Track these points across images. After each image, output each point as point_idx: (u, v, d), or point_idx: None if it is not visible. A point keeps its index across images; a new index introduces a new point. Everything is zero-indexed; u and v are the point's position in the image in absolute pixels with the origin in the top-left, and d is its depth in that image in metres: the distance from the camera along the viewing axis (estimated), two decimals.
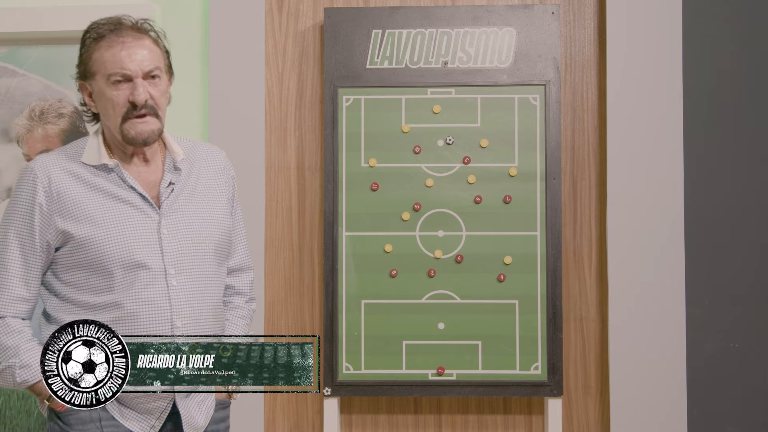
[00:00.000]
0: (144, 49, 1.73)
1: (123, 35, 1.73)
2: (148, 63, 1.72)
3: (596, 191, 2.75)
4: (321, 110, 2.75)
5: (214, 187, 1.84)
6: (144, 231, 1.72)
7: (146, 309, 1.70)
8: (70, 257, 1.73)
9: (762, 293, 2.72)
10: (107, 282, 1.70)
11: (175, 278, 1.71)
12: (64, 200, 1.72)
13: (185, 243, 1.74)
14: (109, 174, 1.75)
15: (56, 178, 1.72)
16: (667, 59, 2.68)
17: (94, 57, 1.75)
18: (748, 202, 2.73)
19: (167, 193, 1.76)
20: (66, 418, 1.72)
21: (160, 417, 1.74)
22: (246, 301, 1.94)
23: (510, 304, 2.65)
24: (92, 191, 1.72)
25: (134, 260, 1.70)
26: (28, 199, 1.73)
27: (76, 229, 1.70)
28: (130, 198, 1.74)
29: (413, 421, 2.75)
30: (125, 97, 1.71)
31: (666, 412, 2.63)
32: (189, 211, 1.77)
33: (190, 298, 1.73)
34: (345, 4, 2.78)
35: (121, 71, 1.70)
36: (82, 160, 1.77)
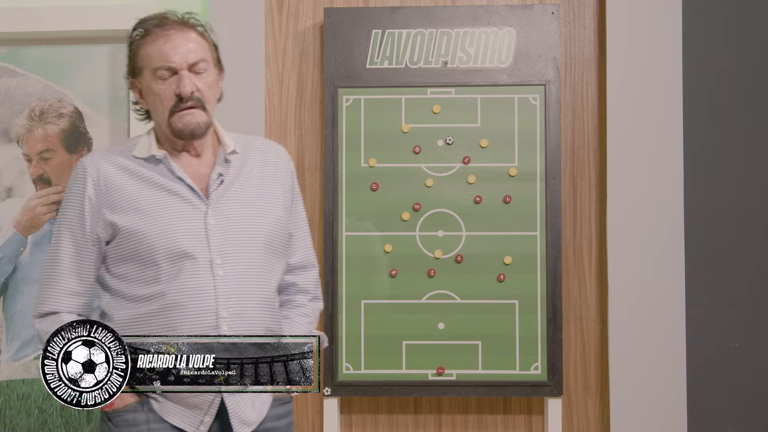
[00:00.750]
0: (189, 41, 1.71)
1: (167, 29, 1.72)
2: (193, 55, 1.70)
3: (596, 191, 2.75)
4: (321, 110, 2.75)
5: (268, 181, 1.82)
6: (190, 221, 1.70)
7: (192, 299, 1.67)
8: (118, 249, 1.72)
9: (762, 293, 2.72)
10: (154, 272, 1.68)
11: (221, 268, 1.69)
12: (111, 192, 1.72)
13: (233, 234, 1.72)
14: (157, 165, 1.74)
15: (104, 171, 1.73)
16: (667, 59, 2.68)
17: (141, 53, 1.74)
18: (748, 202, 2.73)
19: (216, 184, 1.75)
20: (115, 419, 1.71)
21: (209, 411, 1.70)
22: (310, 300, 1.91)
23: (510, 304, 2.65)
24: (139, 182, 1.72)
25: (180, 250, 1.68)
26: (78, 193, 1.73)
27: (123, 221, 1.70)
28: (178, 189, 1.73)
29: (413, 421, 2.75)
30: (172, 90, 1.70)
31: (666, 412, 2.63)
32: (238, 203, 1.75)
33: (236, 289, 1.70)
34: (345, 4, 2.78)
35: (166, 64, 1.69)
36: (133, 154, 1.76)
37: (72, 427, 2.79)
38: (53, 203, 2.82)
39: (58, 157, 2.82)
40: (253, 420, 1.74)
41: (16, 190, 2.84)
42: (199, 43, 1.73)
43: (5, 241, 2.82)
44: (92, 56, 2.82)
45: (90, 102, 2.82)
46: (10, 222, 2.83)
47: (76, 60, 2.82)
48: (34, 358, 2.80)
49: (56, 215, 2.79)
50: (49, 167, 2.82)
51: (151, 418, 1.70)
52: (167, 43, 1.70)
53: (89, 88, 2.82)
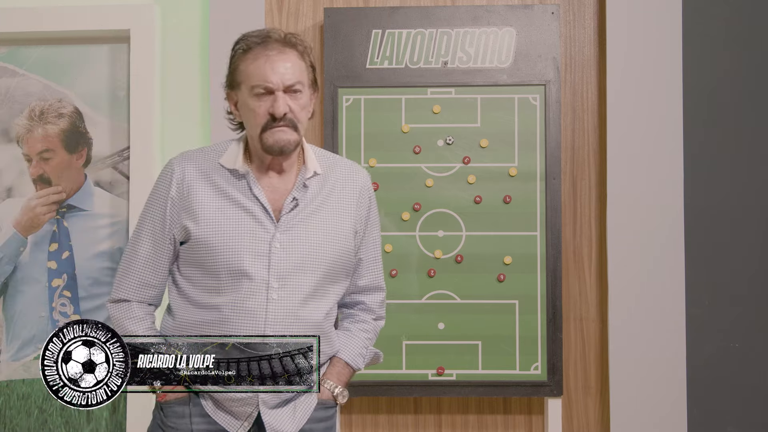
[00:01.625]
0: (288, 62, 1.75)
1: (269, 48, 1.76)
2: (290, 77, 1.75)
3: (596, 191, 2.75)
4: (321, 110, 2.75)
5: (343, 207, 1.85)
6: (257, 242, 1.76)
7: (242, 317, 1.74)
8: (189, 253, 1.79)
9: (762, 293, 2.72)
10: (216, 283, 1.76)
11: (276, 292, 1.74)
12: (191, 198, 1.78)
13: (295, 259, 1.77)
14: (239, 180, 1.80)
15: (189, 176, 1.80)
16: (667, 59, 2.68)
17: (240, 68, 1.78)
18: (748, 202, 2.73)
19: (288, 208, 1.79)
20: (165, 410, 1.80)
21: (248, 419, 1.77)
22: (374, 318, 1.97)
23: (510, 304, 2.65)
24: (218, 195, 1.78)
25: (241, 269, 1.74)
26: (163, 191, 1.81)
27: (196, 228, 1.77)
28: (252, 208, 1.78)
29: (413, 421, 2.75)
30: (266, 109, 1.75)
31: (666, 412, 2.63)
32: (307, 230, 1.79)
33: (287, 313, 1.75)
34: (345, 4, 2.78)
35: (263, 84, 1.74)
36: (220, 161, 1.82)
37: (72, 427, 2.79)
38: (53, 203, 2.82)
39: (58, 157, 2.82)
40: (290, 430, 1.79)
41: (16, 190, 2.84)
42: (296, 64, 1.77)
43: (5, 241, 2.82)
44: (92, 56, 2.82)
45: (90, 102, 2.82)
46: (10, 222, 2.83)
47: (76, 60, 2.82)
48: (34, 358, 2.80)
49: (56, 215, 2.79)
50: (49, 167, 2.82)
51: (195, 412, 1.77)
52: (267, 63, 1.74)
53: (89, 88, 2.82)
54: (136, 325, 1.81)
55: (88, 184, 2.81)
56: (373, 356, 1.97)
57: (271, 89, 1.74)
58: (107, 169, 2.81)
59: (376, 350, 1.97)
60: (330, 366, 1.87)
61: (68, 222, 2.81)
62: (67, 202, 2.81)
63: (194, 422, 1.77)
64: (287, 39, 1.78)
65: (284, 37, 1.78)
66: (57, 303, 2.81)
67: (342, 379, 1.86)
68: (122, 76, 2.80)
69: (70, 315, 2.80)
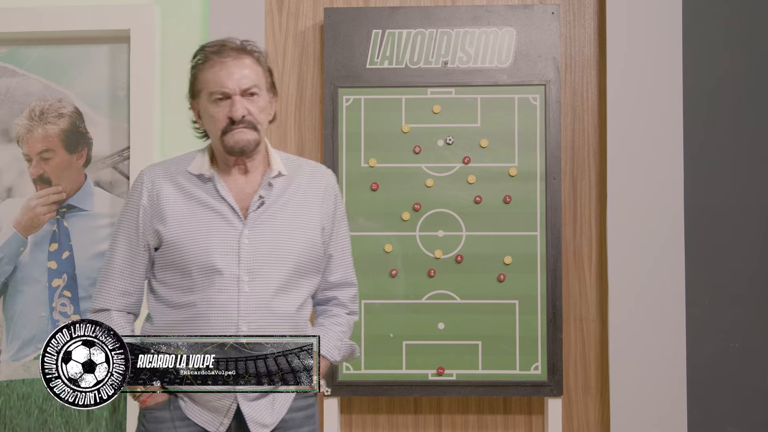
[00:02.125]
0: (244, 68, 1.85)
1: (225, 56, 1.85)
2: (246, 81, 1.84)
3: (596, 191, 2.75)
4: (321, 110, 2.75)
5: (308, 204, 1.93)
6: (225, 239, 1.84)
7: (216, 311, 1.81)
8: (162, 257, 1.87)
9: (762, 293, 2.72)
10: (189, 283, 1.83)
11: (248, 285, 1.82)
12: (162, 204, 1.87)
13: (264, 254, 1.84)
14: (205, 183, 1.89)
15: (159, 184, 1.89)
16: (667, 59, 2.68)
17: (199, 77, 1.87)
18: (748, 202, 2.73)
19: (255, 206, 1.87)
20: (147, 416, 1.85)
21: (228, 414, 1.83)
22: (347, 313, 2.03)
23: (510, 304, 2.65)
24: (187, 198, 1.87)
25: (212, 265, 1.82)
26: (135, 202, 1.90)
27: (168, 232, 1.85)
28: (220, 207, 1.87)
29: (413, 421, 2.75)
30: (225, 113, 1.84)
31: (666, 412, 2.63)
32: (274, 225, 1.87)
33: (259, 305, 1.82)
34: (345, 4, 2.78)
35: (220, 89, 1.83)
36: (188, 169, 1.91)
37: (72, 427, 2.79)
38: (53, 203, 2.82)
39: (58, 157, 2.82)
40: (269, 422, 1.85)
41: (16, 190, 2.84)
42: (253, 69, 1.86)
43: (5, 241, 2.82)
44: (92, 56, 2.82)
45: (90, 102, 2.82)
46: (10, 222, 2.83)
47: (76, 60, 2.82)
48: (34, 358, 2.80)
49: (56, 215, 2.79)
50: (49, 167, 2.82)
51: (175, 416, 1.83)
52: (222, 70, 1.83)
53: (89, 88, 2.82)
54: (117, 331, 1.83)
55: (88, 184, 2.81)
56: (349, 349, 2.03)
57: (228, 94, 1.83)
58: (107, 169, 2.81)
59: (351, 343, 2.03)
60: None
61: (68, 222, 2.81)
62: (67, 202, 2.81)
63: (177, 425, 1.83)
64: (243, 46, 1.88)
65: (240, 45, 1.88)
66: (57, 303, 2.81)
67: (320, 370, 1.89)
68: (122, 76, 2.80)
69: (70, 315, 2.80)
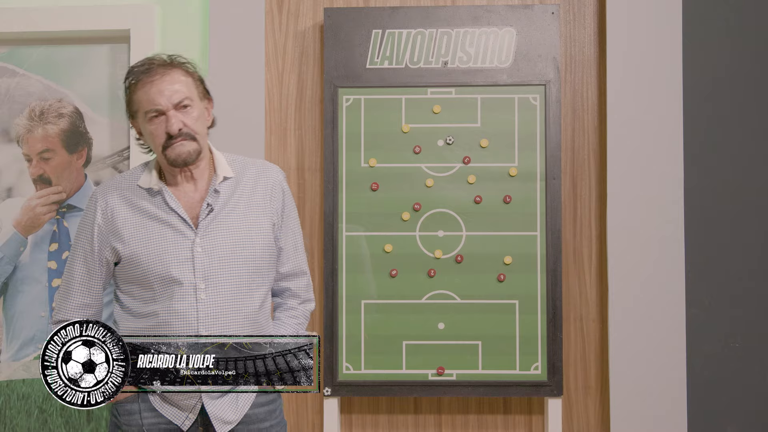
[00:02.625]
0: (173, 83, 1.90)
1: (152, 74, 1.91)
2: (177, 95, 1.90)
3: (596, 191, 2.75)
4: (321, 110, 2.75)
5: (257, 203, 1.99)
6: (179, 249, 1.91)
7: (176, 319, 1.88)
8: (123, 272, 1.96)
9: (762, 293, 2.72)
10: (151, 294, 1.91)
11: (204, 292, 1.89)
12: (116, 222, 1.95)
13: (217, 260, 1.91)
14: (155, 197, 1.96)
15: (111, 202, 1.96)
16: (667, 59, 2.68)
17: (133, 99, 1.94)
18: (748, 202, 2.73)
19: (204, 214, 1.94)
20: (118, 408, 1.94)
21: (193, 411, 1.91)
22: (300, 303, 2.10)
23: (510, 304, 2.65)
24: (138, 214, 1.94)
25: (170, 276, 1.89)
26: (90, 221, 1.98)
27: (124, 248, 1.93)
28: (171, 220, 1.93)
29: (413, 421, 2.75)
30: (162, 129, 1.90)
31: (666, 412, 2.63)
32: (225, 231, 1.94)
33: (216, 311, 1.90)
34: (345, 4, 2.78)
35: (153, 107, 1.90)
36: (138, 183, 1.98)
37: (72, 427, 2.79)
38: (53, 203, 2.82)
39: (58, 157, 2.82)
40: (232, 419, 1.93)
41: (16, 190, 2.84)
42: (183, 82, 1.92)
43: (5, 241, 2.82)
44: (92, 56, 2.82)
45: (90, 102, 2.82)
46: (10, 222, 2.83)
47: (76, 60, 2.82)
48: (34, 358, 2.80)
49: (56, 215, 2.79)
50: (49, 167, 2.82)
51: (144, 408, 1.91)
52: (153, 88, 1.89)
53: (89, 88, 2.82)
54: None
55: (88, 184, 2.81)
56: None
57: (162, 110, 1.89)
58: (107, 169, 2.81)
59: (309, 333, 2.05)
60: None
61: (68, 222, 2.81)
62: (67, 202, 2.81)
63: (144, 417, 1.91)
64: (170, 60, 1.94)
65: (167, 59, 1.94)
66: None
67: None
68: (122, 76, 2.79)
69: None
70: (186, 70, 1.95)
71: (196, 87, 1.95)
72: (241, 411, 1.94)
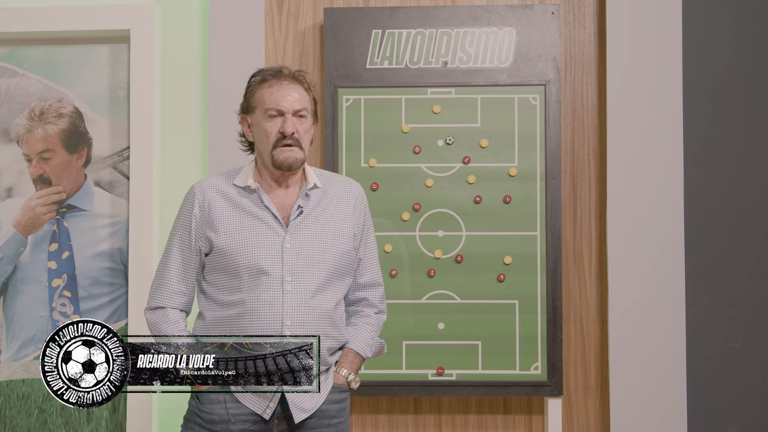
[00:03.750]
0: (296, 92, 2.08)
1: (281, 79, 2.08)
2: (298, 103, 2.06)
3: (596, 191, 2.75)
4: (321, 110, 2.75)
5: (341, 213, 2.13)
6: (270, 244, 2.04)
7: (263, 307, 2.00)
8: (213, 261, 2.07)
9: (762, 293, 2.72)
10: (238, 283, 2.03)
11: (290, 284, 2.02)
12: (212, 214, 2.08)
13: (303, 257, 2.04)
14: (251, 195, 2.10)
15: (209, 196, 2.10)
16: (667, 59, 2.68)
17: (256, 95, 2.09)
18: (748, 202, 2.73)
19: (295, 214, 2.08)
20: (201, 397, 2.03)
21: (273, 399, 2.00)
22: (376, 312, 2.21)
23: (510, 304, 2.65)
24: (234, 209, 2.08)
25: (259, 267, 2.02)
26: (188, 212, 2.11)
27: (218, 239, 2.05)
28: (264, 216, 2.07)
29: (413, 421, 2.75)
30: (277, 128, 2.05)
31: (666, 412, 2.63)
32: (312, 231, 2.08)
33: (300, 302, 2.01)
34: (345, 4, 2.78)
35: (276, 107, 2.05)
36: (234, 182, 2.12)
37: (72, 427, 2.79)
38: (53, 203, 2.82)
39: (58, 157, 2.82)
40: (309, 408, 2.03)
41: (16, 190, 2.84)
42: (303, 95, 2.09)
43: (5, 241, 2.82)
44: (92, 56, 2.82)
45: (90, 102, 2.82)
46: (10, 222, 2.83)
47: (76, 60, 2.82)
48: (34, 358, 2.80)
49: (56, 215, 2.80)
50: (49, 167, 2.82)
51: (227, 398, 2.01)
52: (280, 91, 2.06)
53: (89, 88, 2.82)
54: (171, 327, 2.05)
55: (88, 184, 2.81)
56: (378, 346, 2.20)
57: (282, 112, 2.05)
58: (107, 169, 2.81)
59: (380, 341, 2.20)
60: (342, 356, 2.11)
61: (68, 222, 2.81)
62: (67, 202, 2.81)
63: (229, 407, 2.00)
64: (296, 75, 2.11)
65: (294, 73, 2.11)
66: (57, 303, 2.81)
67: (354, 366, 2.11)
68: (122, 76, 2.80)
69: (70, 315, 2.80)
70: (306, 88, 2.11)
71: (311, 105, 2.11)
72: (317, 402, 2.03)
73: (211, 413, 2.01)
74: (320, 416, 2.05)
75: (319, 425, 2.04)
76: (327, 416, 2.06)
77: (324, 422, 2.05)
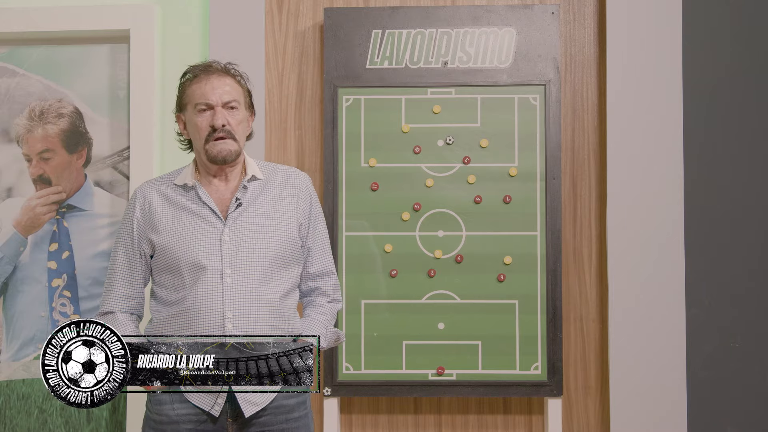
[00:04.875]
0: (226, 85, 2.09)
1: (209, 73, 2.09)
2: (227, 95, 2.07)
3: (596, 191, 2.75)
4: (321, 110, 2.75)
5: (283, 202, 2.13)
6: (208, 238, 2.05)
7: (203, 302, 2.00)
8: (158, 262, 2.09)
9: (762, 293, 2.72)
10: (180, 281, 2.04)
11: (230, 277, 2.02)
12: (153, 216, 2.10)
13: (243, 248, 2.05)
14: (189, 192, 2.11)
15: (149, 197, 2.13)
16: (667, 59, 2.68)
17: (187, 92, 2.11)
18: (748, 202, 2.73)
19: (233, 207, 2.08)
20: (151, 398, 2.06)
21: (221, 395, 2.01)
22: (329, 301, 2.21)
23: (510, 304, 2.65)
24: (172, 207, 2.10)
25: (197, 263, 2.03)
26: (130, 216, 2.13)
27: (158, 239, 2.07)
28: (202, 212, 2.08)
29: (413, 421, 2.75)
30: (207, 122, 2.06)
31: (666, 412, 2.64)
32: (251, 223, 2.08)
33: (241, 295, 2.02)
34: (345, 4, 2.78)
35: (204, 101, 2.06)
36: (174, 182, 2.13)
37: (72, 427, 2.79)
38: (53, 203, 2.82)
39: (58, 157, 2.82)
40: (260, 401, 2.02)
41: (16, 190, 2.84)
42: (233, 87, 2.10)
43: (5, 241, 2.82)
44: (92, 56, 2.82)
45: (90, 102, 2.82)
46: (10, 222, 2.83)
47: (76, 60, 2.82)
48: (34, 358, 2.80)
49: (56, 215, 2.80)
50: (49, 167, 2.82)
51: (175, 398, 2.02)
52: (207, 85, 2.07)
53: (89, 88, 2.82)
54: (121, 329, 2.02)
55: (88, 184, 2.81)
56: (334, 336, 2.18)
57: (211, 105, 2.06)
58: (107, 169, 2.81)
59: (336, 330, 2.19)
60: None
61: (68, 222, 2.81)
62: (67, 202, 2.81)
63: (176, 407, 2.01)
64: (226, 68, 2.12)
65: (224, 66, 2.12)
66: (57, 303, 2.81)
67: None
68: (122, 76, 2.80)
69: (70, 315, 2.80)
70: (238, 81, 2.12)
71: (243, 96, 2.13)
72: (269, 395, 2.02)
73: (160, 414, 2.02)
74: (275, 412, 2.03)
75: (275, 421, 2.03)
76: (283, 411, 2.04)
77: (281, 417, 2.04)
